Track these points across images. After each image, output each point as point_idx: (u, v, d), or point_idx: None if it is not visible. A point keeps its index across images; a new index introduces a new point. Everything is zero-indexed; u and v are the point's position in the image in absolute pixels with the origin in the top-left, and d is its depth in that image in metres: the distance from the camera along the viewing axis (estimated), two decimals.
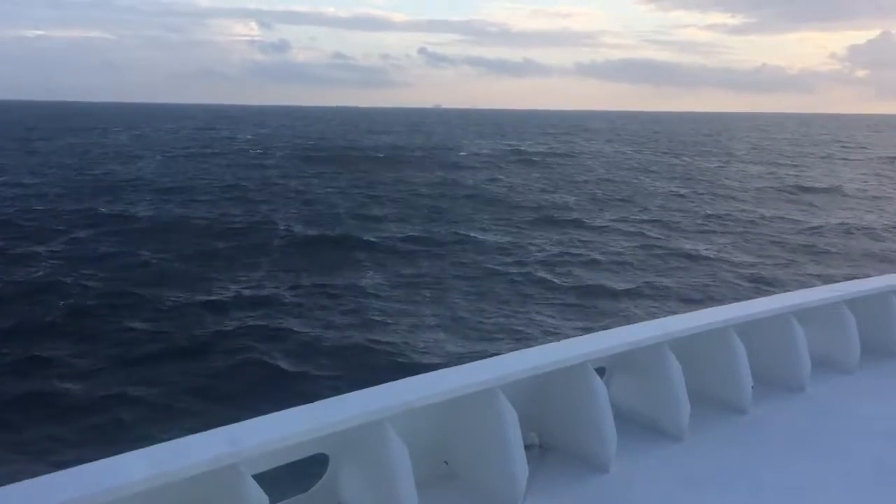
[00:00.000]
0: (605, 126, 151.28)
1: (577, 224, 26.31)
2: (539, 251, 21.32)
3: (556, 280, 17.72)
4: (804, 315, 4.36)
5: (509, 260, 19.96)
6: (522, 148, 70.37)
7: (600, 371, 3.55)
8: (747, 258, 20.86)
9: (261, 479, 2.37)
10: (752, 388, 3.98)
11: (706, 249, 21.87)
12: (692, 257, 20.81)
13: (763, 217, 28.51)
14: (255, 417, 2.55)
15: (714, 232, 25.27)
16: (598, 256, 20.67)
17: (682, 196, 35.06)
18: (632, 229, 25.36)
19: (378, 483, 2.70)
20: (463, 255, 20.50)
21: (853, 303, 4.65)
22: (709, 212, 29.80)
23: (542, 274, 18.28)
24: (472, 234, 23.47)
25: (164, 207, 28.11)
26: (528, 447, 3.13)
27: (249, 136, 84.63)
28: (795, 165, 53.78)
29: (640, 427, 3.68)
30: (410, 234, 23.48)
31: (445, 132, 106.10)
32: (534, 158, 57.37)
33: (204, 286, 16.28)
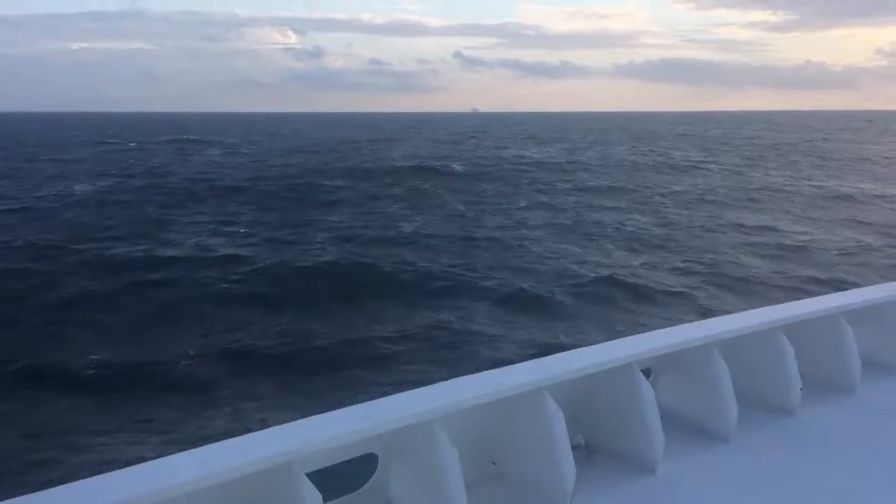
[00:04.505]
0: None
1: None
2: None
3: None
4: (854, 315, 4.28)
5: None
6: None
7: (646, 372, 3.54)
8: None
9: (312, 478, 2.43)
10: (801, 389, 3.93)
11: None
12: None
13: None
14: (308, 417, 2.62)
15: None
16: None
17: None
18: None
19: (427, 483, 2.73)
20: None
21: None
22: None
23: None
24: None
25: None
26: (574, 448, 3.14)
27: (219, 152, 65.71)
28: None
29: (686, 428, 3.65)
30: None
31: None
32: None
33: None
